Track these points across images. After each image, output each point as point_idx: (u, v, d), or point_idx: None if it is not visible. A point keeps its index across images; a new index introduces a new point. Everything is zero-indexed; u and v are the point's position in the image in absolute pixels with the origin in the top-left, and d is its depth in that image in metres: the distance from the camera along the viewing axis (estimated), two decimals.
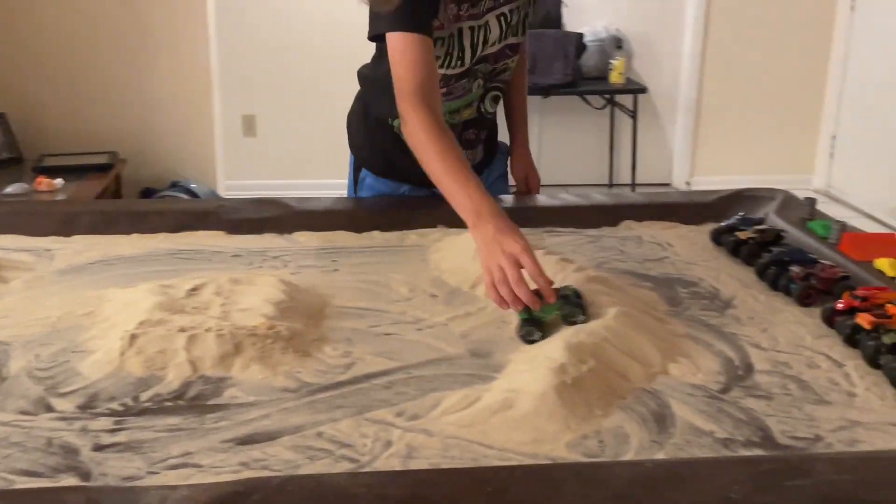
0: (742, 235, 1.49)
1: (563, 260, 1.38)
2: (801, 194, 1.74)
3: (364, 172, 1.87)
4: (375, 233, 1.66)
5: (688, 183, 5.37)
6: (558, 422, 0.96)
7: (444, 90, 1.67)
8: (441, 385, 1.07)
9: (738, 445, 0.93)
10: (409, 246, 1.59)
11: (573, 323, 1.17)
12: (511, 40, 1.69)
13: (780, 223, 1.59)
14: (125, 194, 3.72)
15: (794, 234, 1.53)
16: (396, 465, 0.89)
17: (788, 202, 1.70)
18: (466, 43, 1.61)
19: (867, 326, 1.13)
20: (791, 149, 5.39)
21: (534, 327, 1.17)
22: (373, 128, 1.82)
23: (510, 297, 1.19)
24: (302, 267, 1.47)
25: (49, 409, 0.99)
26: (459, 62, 1.64)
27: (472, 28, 1.60)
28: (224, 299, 1.25)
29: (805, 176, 5.39)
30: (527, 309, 1.18)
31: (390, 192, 1.84)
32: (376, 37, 1.57)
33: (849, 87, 5.11)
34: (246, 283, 1.31)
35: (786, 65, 5.24)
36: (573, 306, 1.18)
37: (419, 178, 1.78)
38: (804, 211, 1.62)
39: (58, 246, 1.54)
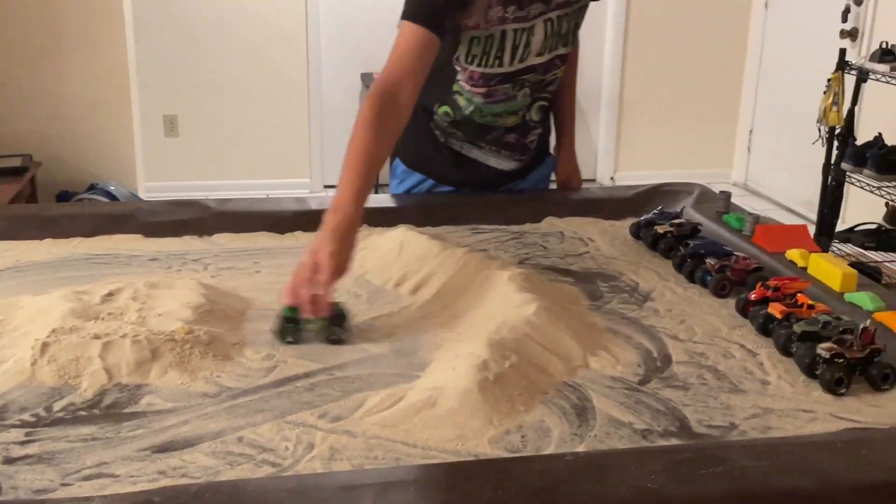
0: (660, 229, 1.53)
1: (486, 257, 1.39)
2: (721, 188, 1.78)
3: (397, 161, 1.89)
4: (298, 233, 1.64)
5: (612, 178, 5.46)
6: (481, 418, 0.97)
7: (485, 90, 1.68)
8: (364, 385, 1.06)
9: (657, 436, 0.95)
10: None
11: (333, 340, 1.18)
12: (560, 50, 1.70)
13: (696, 217, 1.63)
14: (41, 198, 3.60)
15: (710, 227, 1.57)
16: (319, 467, 0.88)
17: (705, 196, 1.74)
18: (508, 45, 1.61)
19: (779, 316, 1.17)
20: (711, 143, 5.53)
21: (290, 327, 1.18)
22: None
23: (291, 289, 1.19)
24: (222, 269, 1.45)
25: None
26: (497, 62, 1.64)
27: (515, 31, 1.60)
28: (141, 304, 1.22)
29: (725, 170, 5.54)
30: (292, 309, 1.18)
31: (416, 184, 1.85)
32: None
33: (764, 82, 5.27)
34: (164, 287, 1.28)
35: (704, 62, 5.37)
36: (338, 326, 1.19)
37: (446, 176, 1.82)
38: (720, 204, 1.66)
39: None
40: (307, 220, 1.67)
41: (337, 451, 0.91)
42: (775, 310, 1.17)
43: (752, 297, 1.23)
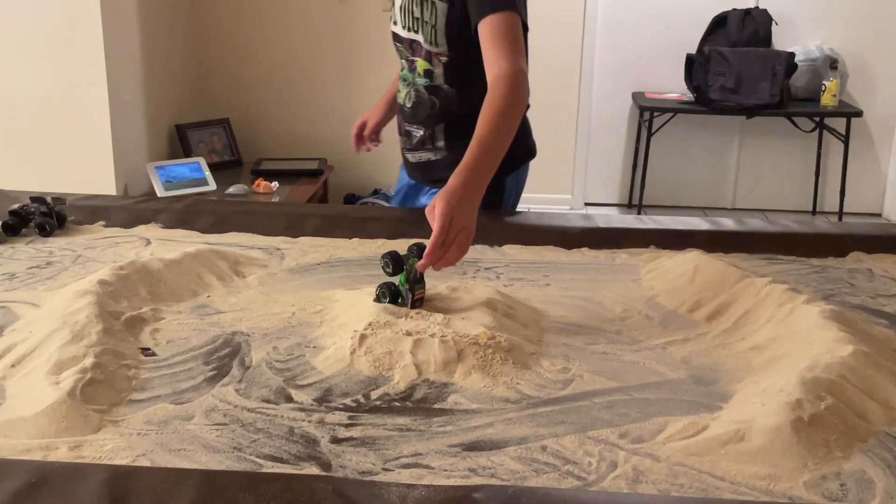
0: None
1: (790, 290, 1.31)
2: None
3: None
4: (585, 249, 1.65)
5: None
6: (794, 459, 0.92)
7: None
8: (664, 410, 1.04)
9: None
10: (620, 265, 1.57)
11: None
12: (420, 38, 1.76)
13: None
14: (331, 199, 3.90)
15: None
16: (623, 487, 0.88)
17: None
18: None
19: None
20: None
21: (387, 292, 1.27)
22: None
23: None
24: (514, 280, 1.49)
25: (289, 399, 1.05)
26: (391, 16, 1.83)
27: None
28: (445, 306, 1.28)
29: None
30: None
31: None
32: None
33: None
34: (463, 292, 1.34)
35: None
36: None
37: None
38: None
39: (286, 246, 1.63)
40: (594, 236, 1.68)
41: (641, 474, 0.90)
42: None
43: None
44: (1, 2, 2.91)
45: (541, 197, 5.22)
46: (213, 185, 3.50)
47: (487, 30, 1.60)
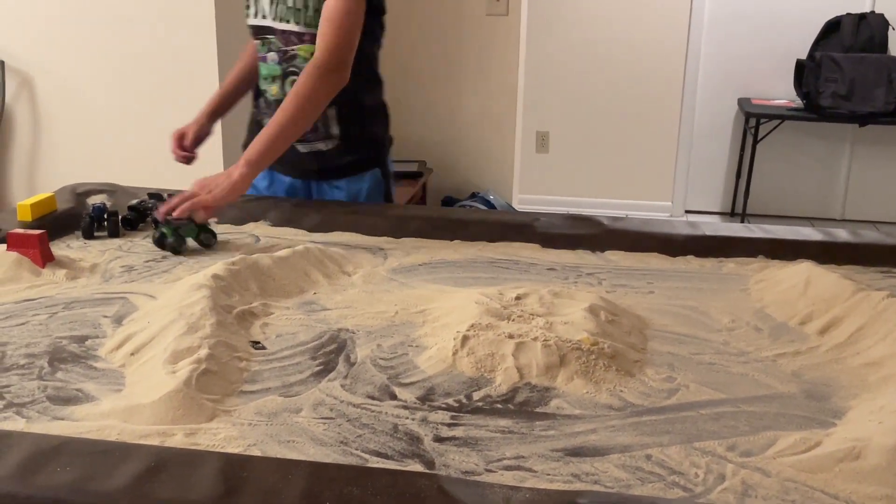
0: None
1: None
2: None
3: None
4: (691, 258, 1.62)
5: None
6: None
7: (253, 46, 1.91)
8: (774, 424, 1.01)
9: None
10: (726, 274, 1.54)
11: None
12: (293, 26, 1.77)
13: None
14: (429, 201, 3.94)
15: None
16: (732, 500, 0.86)
17: None
18: None
19: None
20: None
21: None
22: None
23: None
24: (616, 286, 1.47)
25: (393, 396, 1.06)
26: (246, 9, 1.85)
27: None
28: (546, 310, 1.28)
29: None
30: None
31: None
32: None
33: None
34: (566, 297, 1.33)
35: None
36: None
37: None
38: None
39: (390, 246, 1.66)
40: (700, 244, 1.65)
41: (750, 488, 0.88)
42: None
43: None
44: (121, 9, 3.04)
45: (639, 203, 5.15)
46: None
47: (325, 11, 1.71)
